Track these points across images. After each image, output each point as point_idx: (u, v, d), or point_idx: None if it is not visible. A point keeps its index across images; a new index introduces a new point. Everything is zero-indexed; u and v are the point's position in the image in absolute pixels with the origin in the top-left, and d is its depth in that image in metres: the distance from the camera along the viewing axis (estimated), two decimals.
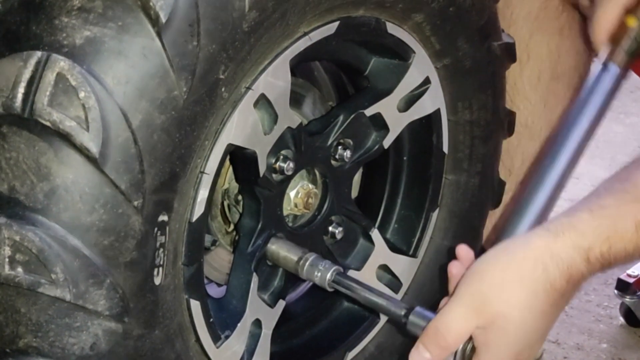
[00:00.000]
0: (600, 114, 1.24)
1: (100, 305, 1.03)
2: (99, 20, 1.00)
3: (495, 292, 1.02)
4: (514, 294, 1.02)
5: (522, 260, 1.02)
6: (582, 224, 1.02)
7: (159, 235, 1.07)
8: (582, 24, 1.58)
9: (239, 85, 1.12)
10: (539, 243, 1.02)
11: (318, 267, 1.25)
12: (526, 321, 1.02)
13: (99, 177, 1.00)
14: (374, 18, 1.27)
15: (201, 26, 1.03)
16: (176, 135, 1.05)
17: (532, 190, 1.18)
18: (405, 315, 1.14)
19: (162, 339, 1.11)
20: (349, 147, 1.33)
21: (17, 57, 1.00)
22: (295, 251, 1.26)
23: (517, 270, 1.02)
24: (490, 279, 1.03)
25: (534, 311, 1.02)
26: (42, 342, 1.02)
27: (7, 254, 0.99)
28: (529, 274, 1.01)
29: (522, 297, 1.01)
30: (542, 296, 1.02)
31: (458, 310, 1.03)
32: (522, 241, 1.05)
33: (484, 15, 1.37)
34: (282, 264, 1.28)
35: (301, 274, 1.26)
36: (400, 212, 1.46)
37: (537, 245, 1.02)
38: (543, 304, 1.02)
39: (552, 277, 1.01)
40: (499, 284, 1.02)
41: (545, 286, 1.01)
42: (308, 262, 1.25)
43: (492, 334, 1.02)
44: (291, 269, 1.27)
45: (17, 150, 1.00)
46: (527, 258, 1.02)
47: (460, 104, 1.42)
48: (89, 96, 0.99)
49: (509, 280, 1.02)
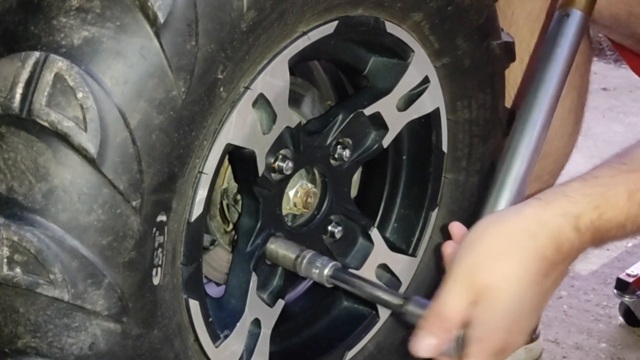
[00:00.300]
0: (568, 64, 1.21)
1: (99, 305, 1.03)
2: (97, 20, 1.00)
3: (485, 264, 0.99)
4: (503, 265, 0.98)
5: (511, 229, 0.99)
6: (573, 192, 0.99)
7: (158, 235, 1.07)
8: None
9: (238, 85, 1.12)
10: (529, 211, 0.99)
11: (316, 263, 1.25)
12: (517, 292, 0.98)
13: (97, 177, 1.00)
14: (372, 17, 1.27)
15: (199, 26, 1.03)
16: (175, 135, 1.05)
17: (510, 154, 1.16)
18: (403, 305, 1.13)
19: (160, 338, 1.11)
20: (348, 146, 1.33)
21: (15, 57, 1.00)
22: (293, 249, 1.26)
23: (506, 239, 0.99)
24: (480, 250, 1.00)
25: (525, 281, 0.98)
26: (41, 342, 1.02)
27: (6, 255, 0.99)
28: (518, 243, 0.98)
29: (512, 268, 0.98)
30: (532, 265, 0.98)
31: (453, 288, 1.00)
32: (513, 211, 1.02)
33: (483, 14, 1.37)
34: (281, 263, 1.28)
35: (299, 271, 1.26)
36: (400, 211, 1.46)
37: (527, 214, 0.99)
38: (533, 273, 0.98)
39: (541, 245, 0.97)
40: (488, 254, 0.99)
41: (535, 255, 0.98)
42: (306, 259, 1.25)
43: (481, 307, 0.99)
44: (290, 266, 1.27)
45: (16, 151, 1.00)
46: (516, 227, 0.99)
47: (459, 103, 1.42)
48: (87, 96, 0.99)
49: (498, 251, 0.99)
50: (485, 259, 0.99)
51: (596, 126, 2.51)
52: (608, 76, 3.17)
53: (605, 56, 3.18)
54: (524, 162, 1.16)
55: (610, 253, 2.02)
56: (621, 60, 2.82)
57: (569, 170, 1.64)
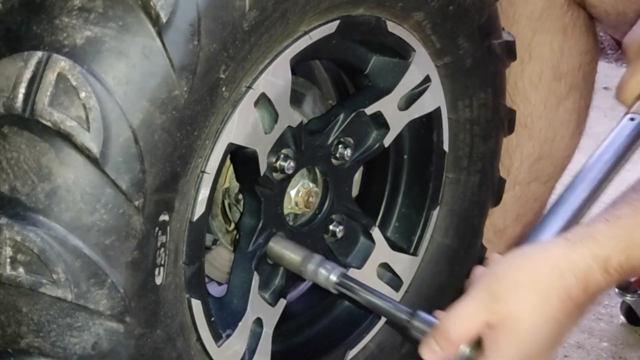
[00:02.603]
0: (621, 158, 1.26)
1: (102, 305, 1.03)
2: (99, 20, 1.00)
3: (508, 293, 1.02)
4: (528, 297, 1.01)
5: (539, 265, 1.02)
6: (599, 234, 1.02)
7: (160, 234, 1.07)
8: (587, 23, 1.57)
9: (240, 84, 1.12)
10: (557, 251, 1.02)
11: (322, 268, 1.24)
12: (537, 326, 1.01)
13: (100, 177, 1.00)
14: (374, 17, 1.27)
15: (202, 25, 1.03)
16: (177, 135, 1.05)
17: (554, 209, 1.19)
18: (408, 320, 1.14)
19: (163, 338, 1.11)
20: (350, 145, 1.33)
21: (17, 57, 1.00)
22: (299, 252, 1.26)
23: (532, 274, 1.02)
24: (505, 279, 1.03)
25: (546, 317, 1.01)
26: (44, 342, 1.02)
27: (9, 255, 0.99)
28: (545, 279, 1.01)
29: (535, 301, 1.01)
30: (555, 303, 1.01)
31: (469, 306, 1.03)
32: (540, 248, 1.06)
33: (484, 14, 1.37)
34: (286, 265, 1.27)
35: (305, 275, 1.26)
36: (401, 211, 1.46)
37: (555, 253, 1.02)
38: (556, 311, 1.01)
39: (568, 285, 1.01)
40: (513, 285, 1.02)
41: (560, 293, 1.01)
42: (312, 263, 1.25)
43: (501, 333, 1.02)
44: (295, 270, 1.27)
45: (18, 151, 1.00)
46: (543, 264, 1.02)
47: (460, 102, 1.42)
48: (89, 96, 0.99)
49: (524, 283, 1.02)
50: (510, 288, 1.02)
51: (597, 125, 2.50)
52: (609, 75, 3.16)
53: (606, 55, 3.17)
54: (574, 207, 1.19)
55: None
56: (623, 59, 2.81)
57: (570, 169, 1.64)
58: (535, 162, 1.60)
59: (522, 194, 1.61)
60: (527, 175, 1.60)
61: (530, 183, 1.61)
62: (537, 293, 1.01)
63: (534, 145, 1.59)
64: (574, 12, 1.55)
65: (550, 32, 1.55)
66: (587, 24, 1.57)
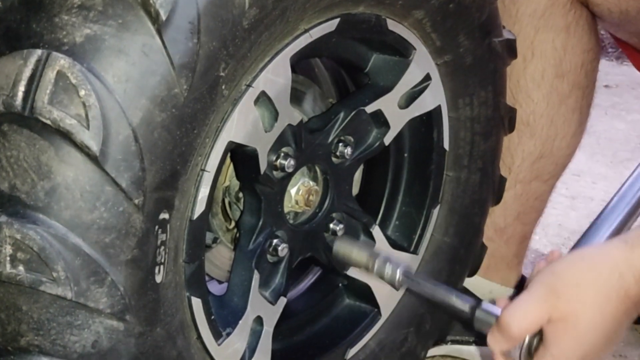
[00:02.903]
0: None
1: (102, 303, 1.03)
2: (99, 18, 1.00)
3: (569, 291, 1.06)
4: (588, 296, 1.05)
5: (599, 266, 1.07)
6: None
7: (160, 233, 1.07)
8: (590, 22, 1.57)
9: (240, 82, 1.12)
10: (617, 253, 1.07)
11: (388, 265, 1.25)
12: (597, 323, 1.06)
13: (99, 175, 1.00)
14: (374, 15, 1.27)
15: (201, 23, 1.03)
16: (177, 133, 1.05)
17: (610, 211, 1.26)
18: (471, 311, 1.16)
19: (163, 336, 1.11)
20: (350, 144, 1.33)
21: (17, 55, 1.00)
22: (365, 250, 1.27)
23: (593, 274, 1.06)
24: (567, 278, 1.07)
25: (606, 315, 1.06)
26: (44, 340, 1.02)
27: (9, 253, 0.99)
28: (605, 279, 1.05)
29: (596, 300, 1.05)
30: (615, 302, 1.06)
31: (531, 302, 1.07)
32: (600, 249, 1.11)
33: (485, 12, 1.37)
34: (353, 263, 1.29)
35: (371, 271, 1.26)
36: (401, 209, 1.46)
37: (615, 255, 1.07)
38: (615, 309, 1.06)
39: (627, 285, 1.05)
40: (574, 284, 1.06)
41: (620, 293, 1.05)
42: (378, 260, 1.26)
43: (562, 329, 1.06)
44: (361, 267, 1.28)
45: (18, 149, 1.00)
46: (604, 265, 1.06)
47: (461, 100, 1.42)
48: (89, 94, 0.99)
49: (585, 283, 1.06)
50: (572, 287, 1.06)
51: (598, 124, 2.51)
52: (610, 73, 3.17)
53: (607, 53, 3.17)
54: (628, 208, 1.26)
55: None
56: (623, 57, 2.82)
57: (570, 168, 1.64)
58: (537, 161, 1.60)
59: (523, 192, 1.61)
60: (528, 174, 1.60)
61: (531, 181, 1.61)
62: (597, 292, 1.05)
63: (535, 143, 1.59)
64: (576, 11, 1.55)
65: (553, 30, 1.55)
66: (590, 23, 1.57)
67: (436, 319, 1.51)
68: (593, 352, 1.07)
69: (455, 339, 1.66)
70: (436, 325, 1.52)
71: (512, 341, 1.08)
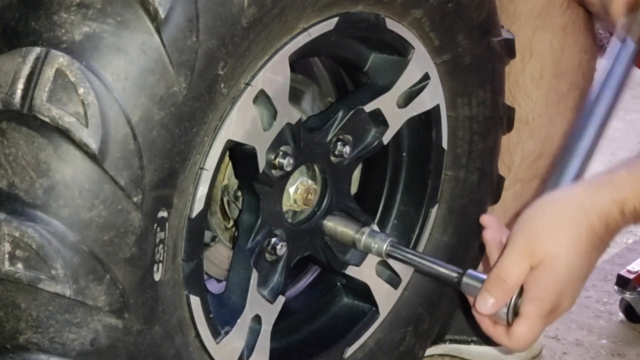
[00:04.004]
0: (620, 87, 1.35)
1: (100, 301, 1.03)
2: (98, 16, 1.00)
3: (544, 235, 1.14)
4: (561, 237, 1.14)
5: (567, 207, 1.15)
6: (619, 180, 1.14)
7: (159, 231, 1.07)
8: (587, 21, 1.58)
9: (238, 81, 1.12)
10: (582, 193, 1.15)
11: (375, 238, 1.33)
12: (571, 260, 1.14)
13: (98, 173, 1.01)
14: (373, 14, 1.27)
15: (200, 22, 1.03)
16: (175, 131, 1.05)
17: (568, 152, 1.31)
18: (458, 278, 1.24)
19: (162, 334, 1.11)
20: (349, 143, 1.33)
21: (16, 53, 1.00)
22: (352, 225, 1.33)
23: (562, 215, 1.15)
24: (539, 224, 1.15)
25: (578, 251, 1.14)
26: (42, 338, 1.03)
27: (7, 250, 1.00)
28: (573, 218, 1.14)
29: (568, 238, 1.14)
30: (584, 238, 1.14)
31: (514, 255, 1.15)
32: (566, 192, 1.19)
33: (483, 11, 1.37)
34: (340, 238, 1.34)
35: (359, 246, 1.33)
36: (400, 208, 1.46)
37: (580, 195, 1.15)
38: (586, 244, 1.14)
39: (592, 223, 1.14)
40: (546, 227, 1.14)
41: (587, 230, 1.14)
42: (365, 234, 1.33)
43: (540, 271, 1.14)
44: (348, 241, 1.34)
45: (17, 147, 1.00)
46: (570, 205, 1.15)
47: (459, 100, 1.42)
48: (88, 92, 0.99)
49: (555, 225, 1.14)
50: (545, 231, 1.15)
51: None
52: None
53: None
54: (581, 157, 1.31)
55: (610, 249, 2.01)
56: None
57: None
58: (536, 160, 1.60)
59: (522, 192, 1.61)
60: (527, 173, 1.61)
61: (531, 180, 1.61)
62: (568, 232, 1.14)
63: (535, 142, 1.59)
64: (573, 11, 1.56)
65: (550, 30, 1.55)
66: (587, 23, 1.58)
67: (434, 319, 1.51)
68: (568, 288, 1.16)
69: (454, 338, 1.67)
70: (434, 324, 1.52)
71: (505, 296, 1.16)
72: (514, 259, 1.15)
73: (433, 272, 1.31)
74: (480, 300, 1.18)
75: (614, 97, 1.34)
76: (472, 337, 1.65)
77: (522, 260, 1.15)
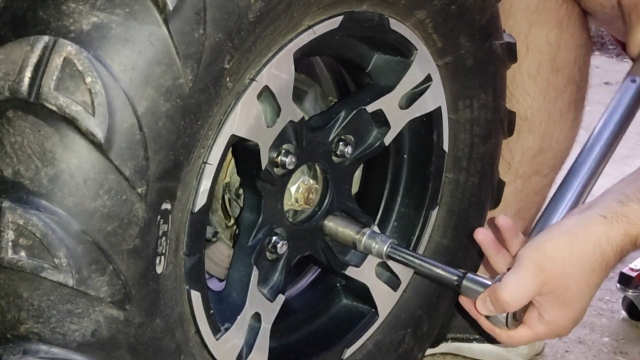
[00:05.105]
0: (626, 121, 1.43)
1: (103, 291, 1.03)
2: (106, 6, 1.00)
3: (557, 269, 1.21)
4: (575, 272, 1.21)
5: (583, 243, 1.21)
6: (632, 215, 1.21)
7: (162, 223, 1.07)
8: (581, 17, 1.59)
9: (244, 76, 1.13)
10: (598, 229, 1.21)
11: (375, 240, 1.33)
12: (584, 292, 1.23)
13: (103, 162, 1.00)
14: (377, 14, 1.27)
15: (208, 15, 1.03)
16: (181, 123, 1.05)
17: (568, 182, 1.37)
18: (458, 281, 1.27)
19: (162, 328, 1.11)
20: (350, 143, 1.34)
21: (24, 41, 1.00)
22: (352, 226, 1.34)
23: (578, 251, 1.21)
24: (552, 256, 1.21)
25: (591, 284, 1.23)
26: (44, 328, 1.02)
27: (11, 238, 0.99)
28: (589, 255, 1.21)
29: (582, 274, 1.21)
30: (598, 272, 1.22)
31: (523, 278, 1.21)
32: (580, 224, 1.23)
33: (486, 14, 1.38)
34: (340, 238, 1.35)
35: (359, 246, 1.34)
36: (400, 210, 1.46)
37: (596, 231, 1.21)
38: (599, 278, 1.23)
39: (607, 258, 1.22)
40: (561, 262, 1.21)
41: (601, 265, 1.22)
42: (365, 235, 1.33)
43: (553, 300, 1.22)
44: (349, 242, 1.34)
45: (23, 135, 1.00)
46: (587, 241, 1.21)
47: (461, 102, 1.43)
48: (95, 81, 0.99)
49: (570, 261, 1.21)
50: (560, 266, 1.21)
51: None
52: (610, 70, 3.17)
53: (607, 50, 3.18)
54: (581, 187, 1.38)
55: None
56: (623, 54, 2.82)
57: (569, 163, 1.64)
58: (536, 155, 1.61)
59: (523, 188, 1.62)
60: (528, 169, 1.61)
61: (531, 176, 1.62)
62: (582, 267, 1.21)
63: (534, 138, 1.60)
64: (568, 6, 1.57)
65: (546, 26, 1.56)
66: (581, 19, 1.59)
67: (434, 321, 1.51)
68: (580, 312, 1.25)
69: (456, 336, 1.66)
70: (434, 327, 1.52)
71: (505, 311, 1.22)
72: (522, 283, 1.20)
73: (433, 274, 1.31)
74: (480, 302, 1.24)
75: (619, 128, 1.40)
76: (474, 335, 1.65)
77: (531, 286, 1.20)
